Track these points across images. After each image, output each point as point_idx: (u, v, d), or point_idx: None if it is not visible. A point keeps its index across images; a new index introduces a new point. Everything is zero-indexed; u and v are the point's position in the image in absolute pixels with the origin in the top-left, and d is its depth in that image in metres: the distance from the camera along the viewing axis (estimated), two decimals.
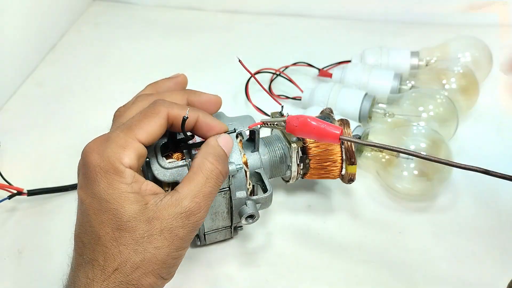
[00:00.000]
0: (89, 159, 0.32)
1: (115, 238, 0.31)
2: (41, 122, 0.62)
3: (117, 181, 0.31)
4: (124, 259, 0.30)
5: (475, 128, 0.58)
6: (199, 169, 0.34)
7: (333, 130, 0.35)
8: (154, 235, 0.31)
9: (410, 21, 0.78)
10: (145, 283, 0.31)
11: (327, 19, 0.81)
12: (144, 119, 0.34)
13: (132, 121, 0.34)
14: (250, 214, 0.39)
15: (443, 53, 0.61)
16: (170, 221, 0.32)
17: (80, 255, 0.32)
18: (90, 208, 0.31)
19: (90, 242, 0.31)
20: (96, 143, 0.33)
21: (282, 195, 0.50)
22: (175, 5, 0.86)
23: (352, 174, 0.44)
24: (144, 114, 0.34)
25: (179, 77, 0.42)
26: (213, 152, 0.35)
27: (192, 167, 0.34)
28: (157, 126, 0.34)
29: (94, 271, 0.30)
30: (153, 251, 0.31)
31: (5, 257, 0.45)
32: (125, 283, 0.30)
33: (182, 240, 0.32)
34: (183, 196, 0.32)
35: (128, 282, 0.30)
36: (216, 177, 0.34)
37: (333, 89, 0.56)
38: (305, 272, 0.43)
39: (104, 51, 0.76)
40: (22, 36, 0.68)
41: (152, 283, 0.31)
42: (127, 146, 0.32)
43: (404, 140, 0.48)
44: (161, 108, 0.34)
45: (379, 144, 0.34)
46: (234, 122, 0.41)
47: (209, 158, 0.34)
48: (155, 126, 0.34)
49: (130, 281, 0.30)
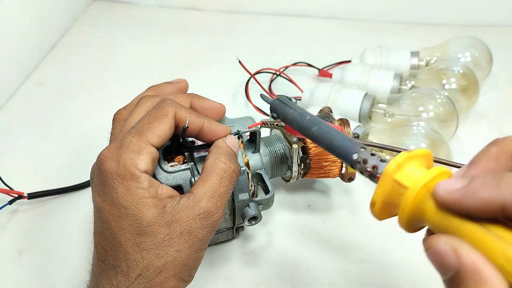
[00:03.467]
0: (105, 167, 0.32)
1: (136, 243, 0.31)
2: (41, 122, 0.62)
3: (135, 187, 0.31)
4: (147, 264, 0.30)
5: (475, 128, 0.58)
6: (212, 170, 0.34)
7: None
8: (175, 238, 0.31)
9: (410, 21, 0.79)
10: (168, 287, 0.31)
11: (327, 19, 0.81)
12: (154, 121, 0.34)
13: (142, 124, 0.34)
14: (253, 216, 0.39)
15: (443, 53, 0.61)
16: (189, 223, 0.32)
17: (102, 261, 0.32)
18: (109, 215, 0.31)
19: (112, 249, 0.31)
20: (110, 150, 0.32)
21: (282, 195, 0.50)
22: (175, 5, 0.86)
23: (352, 173, 0.44)
24: (153, 116, 0.34)
25: (181, 82, 0.42)
26: (224, 152, 0.35)
27: (204, 169, 0.34)
28: (167, 128, 0.34)
29: (118, 278, 0.30)
30: (175, 254, 0.31)
31: (5, 257, 0.45)
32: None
33: (201, 241, 0.32)
34: (200, 197, 0.32)
35: (151, 286, 0.30)
36: (230, 176, 0.34)
37: (333, 89, 0.56)
38: (305, 272, 0.43)
39: (104, 51, 0.76)
40: (22, 36, 0.68)
41: (175, 286, 0.31)
42: (141, 151, 0.32)
43: (404, 140, 0.48)
44: (169, 109, 0.34)
45: (379, 144, 0.34)
46: (235, 124, 0.41)
47: (221, 158, 0.35)
48: (165, 129, 0.34)
49: (153, 286, 0.30)
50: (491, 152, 0.23)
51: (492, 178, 0.21)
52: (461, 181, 0.22)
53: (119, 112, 0.39)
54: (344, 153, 0.29)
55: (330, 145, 0.30)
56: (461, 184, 0.22)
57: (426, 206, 0.23)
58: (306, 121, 0.33)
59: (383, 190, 0.25)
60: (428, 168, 0.25)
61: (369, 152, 0.27)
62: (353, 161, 0.28)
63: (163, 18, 0.84)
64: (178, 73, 0.70)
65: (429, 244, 0.22)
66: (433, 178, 0.23)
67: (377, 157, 0.27)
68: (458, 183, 0.22)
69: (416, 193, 0.23)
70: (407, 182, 0.24)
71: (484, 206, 0.21)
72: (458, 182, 0.22)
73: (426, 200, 0.23)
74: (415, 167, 0.24)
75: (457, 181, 0.22)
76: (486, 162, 0.23)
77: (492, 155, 0.23)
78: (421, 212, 0.23)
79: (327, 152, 0.43)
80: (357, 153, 0.28)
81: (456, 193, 0.21)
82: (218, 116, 0.40)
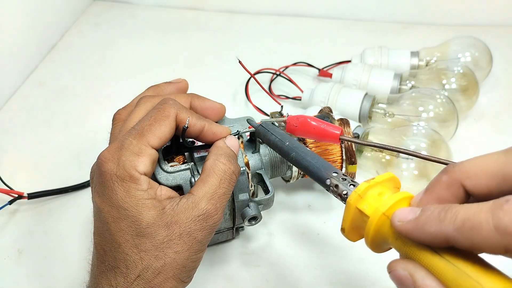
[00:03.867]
0: (105, 168, 0.32)
1: (135, 245, 0.31)
2: (41, 122, 0.62)
3: (134, 189, 0.31)
4: (146, 265, 0.30)
5: (475, 128, 0.58)
6: (212, 171, 0.34)
7: (333, 130, 0.35)
8: (174, 240, 0.31)
9: (410, 21, 0.79)
10: None
11: (327, 19, 0.81)
12: (155, 123, 0.33)
13: (143, 126, 0.33)
14: (253, 216, 0.39)
15: (443, 53, 0.61)
16: (189, 224, 0.32)
17: (101, 262, 0.32)
18: (109, 216, 0.31)
19: (111, 250, 0.31)
20: (110, 151, 0.32)
21: (282, 195, 0.50)
22: (174, 5, 0.86)
23: (352, 174, 0.44)
24: (154, 118, 0.34)
25: (181, 82, 0.42)
26: (224, 153, 0.35)
27: (204, 169, 0.34)
28: (167, 130, 0.34)
29: (117, 279, 0.30)
30: (173, 256, 0.31)
31: (5, 257, 0.45)
32: None
33: (200, 243, 0.32)
34: (199, 198, 0.32)
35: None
36: (229, 177, 0.34)
37: (333, 89, 0.56)
38: (305, 272, 0.43)
39: (104, 51, 0.76)
40: (22, 36, 0.68)
41: (174, 287, 0.31)
42: (141, 153, 0.32)
43: (404, 140, 0.48)
44: (171, 110, 0.34)
45: (379, 144, 0.34)
46: (235, 124, 0.41)
47: (220, 159, 0.34)
48: (166, 131, 0.34)
49: (152, 287, 0.31)
50: (442, 181, 0.25)
51: (438, 212, 0.22)
52: (413, 212, 0.24)
53: (118, 112, 0.39)
54: (319, 178, 0.31)
55: (306, 171, 0.32)
56: (413, 215, 0.24)
57: (388, 233, 0.25)
58: (285, 147, 0.34)
59: (348, 218, 0.27)
60: (394, 189, 0.28)
61: (340, 177, 0.29)
62: (327, 186, 0.30)
63: (163, 18, 0.84)
64: (178, 73, 0.70)
65: (390, 268, 0.25)
66: (392, 206, 0.25)
67: (347, 182, 0.29)
68: (411, 214, 0.24)
69: (376, 222, 0.25)
70: (368, 211, 0.26)
71: (431, 238, 0.23)
72: (411, 213, 0.24)
73: (386, 227, 0.25)
74: (376, 195, 0.26)
75: (410, 211, 0.24)
76: (438, 191, 0.25)
77: (443, 184, 0.24)
78: (384, 237, 0.26)
79: (327, 152, 0.44)
80: (330, 178, 0.30)
81: (408, 225, 0.23)
82: (218, 117, 0.40)
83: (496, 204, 0.21)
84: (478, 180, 0.23)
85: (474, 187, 0.23)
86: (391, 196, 0.26)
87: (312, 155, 0.32)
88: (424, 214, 0.23)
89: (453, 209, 0.22)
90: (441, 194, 0.24)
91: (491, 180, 0.23)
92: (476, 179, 0.23)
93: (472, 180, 0.23)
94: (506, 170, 0.23)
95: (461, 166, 0.24)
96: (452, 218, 0.22)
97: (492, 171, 0.23)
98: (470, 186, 0.24)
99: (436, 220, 0.22)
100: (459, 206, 0.22)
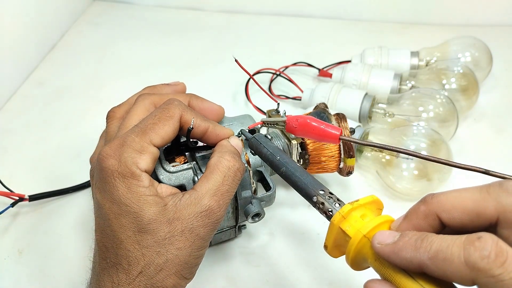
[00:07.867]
0: (106, 164, 0.32)
1: (137, 241, 0.30)
2: (41, 122, 0.62)
3: (135, 185, 0.31)
4: (148, 262, 0.30)
5: (475, 128, 0.58)
6: (216, 168, 0.34)
7: (332, 130, 0.35)
8: (176, 236, 0.31)
9: (410, 21, 0.79)
10: (169, 285, 0.31)
11: (327, 19, 0.81)
12: (159, 122, 0.33)
13: (147, 124, 0.33)
14: (256, 212, 0.39)
15: (443, 53, 0.61)
16: (191, 220, 0.31)
17: (103, 259, 0.32)
18: (110, 213, 0.31)
19: (113, 246, 0.31)
20: (112, 148, 0.32)
21: (282, 194, 0.50)
22: (174, 5, 0.86)
23: (350, 167, 0.44)
24: (158, 117, 0.34)
25: (179, 85, 0.42)
26: (228, 151, 0.35)
27: (208, 166, 0.34)
28: (171, 130, 0.34)
29: (119, 275, 0.30)
30: (175, 252, 0.31)
31: (5, 257, 0.45)
32: (149, 285, 0.30)
33: (203, 239, 0.32)
34: (202, 194, 0.32)
35: (152, 284, 0.30)
36: (233, 174, 0.34)
37: (333, 89, 0.56)
38: (305, 272, 0.43)
39: (104, 51, 0.76)
40: (22, 36, 0.68)
41: (176, 283, 0.31)
42: (143, 150, 0.32)
43: (404, 140, 0.48)
44: (176, 111, 0.34)
45: (379, 144, 0.34)
46: (234, 122, 0.41)
47: (225, 156, 0.34)
48: (169, 131, 0.33)
49: (154, 284, 0.30)
50: (420, 211, 0.26)
51: (415, 240, 0.24)
52: (392, 236, 0.25)
53: (113, 110, 0.39)
54: (306, 195, 0.32)
55: (294, 186, 0.33)
56: (391, 239, 0.25)
57: (367, 253, 0.27)
58: (276, 161, 0.35)
59: (332, 237, 0.29)
60: (377, 211, 0.29)
61: (327, 196, 0.30)
62: (313, 203, 0.31)
63: (163, 18, 0.84)
64: (178, 73, 0.70)
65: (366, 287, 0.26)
66: (373, 228, 0.27)
67: (332, 201, 0.30)
68: (390, 238, 0.25)
69: (357, 243, 0.27)
70: (350, 232, 0.27)
71: (407, 264, 0.24)
72: (390, 237, 0.25)
73: (366, 248, 0.27)
74: (358, 217, 0.28)
75: (389, 235, 0.26)
76: (416, 220, 0.26)
77: (421, 213, 0.26)
78: (364, 257, 0.27)
79: (325, 148, 0.44)
80: (316, 196, 0.31)
81: (387, 248, 0.25)
82: (217, 119, 0.39)
83: (469, 240, 0.22)
84: (453, 214, 0.25)
85: (450, 220, 0.25)
86: (373, 219, 0.28)
87: (301, 171, 0.33)
88: (402, 239, 0.25)
89: (429, 239, 0.24)
90: (418, 223, 0.26)
91: (465, 215, 0.25)
92: (452, 213, 0.25)
93: (448, 214, 0.25)
94: (479, 208, 0.24)
95: (438, 198, 0.26)
96: (427, 248, 0.23)
97: (467, 207, 0.25)
98: (446, 218, 0.25)
99: (413, 247, 0.24)
100: (435, 236, 0.24)
